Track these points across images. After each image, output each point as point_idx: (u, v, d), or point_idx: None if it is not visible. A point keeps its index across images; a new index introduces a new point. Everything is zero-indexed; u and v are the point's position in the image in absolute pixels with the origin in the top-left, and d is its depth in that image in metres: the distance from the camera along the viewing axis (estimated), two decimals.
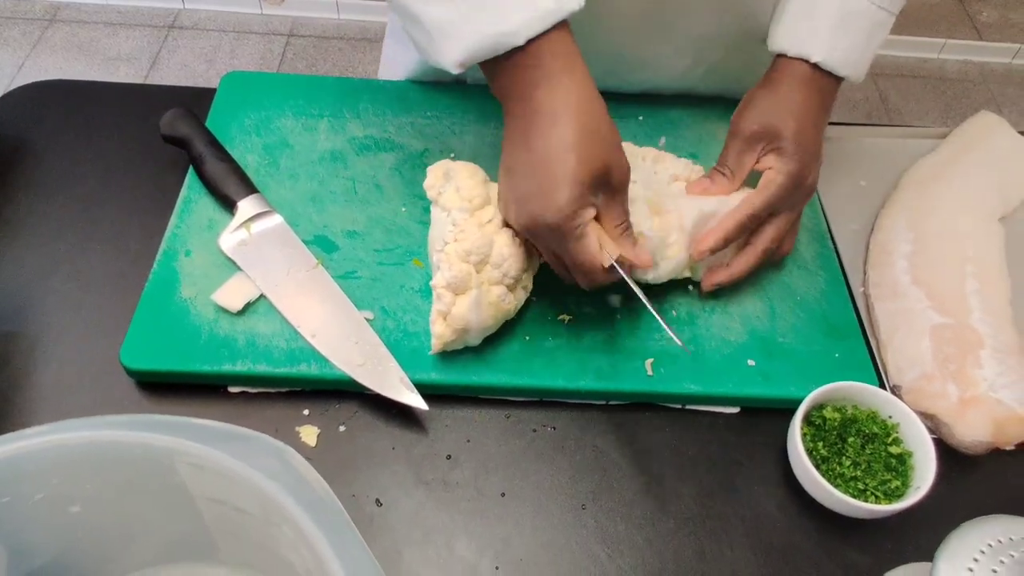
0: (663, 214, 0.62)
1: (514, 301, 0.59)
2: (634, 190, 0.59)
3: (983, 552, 0.34)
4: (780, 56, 0.63)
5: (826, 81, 0.62)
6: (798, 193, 0.62)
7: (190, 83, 2.13)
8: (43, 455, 0.33)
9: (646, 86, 0.80)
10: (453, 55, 0.53)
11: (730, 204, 0.62)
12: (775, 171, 0.61)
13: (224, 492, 0.36)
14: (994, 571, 0.33)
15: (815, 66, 0.61)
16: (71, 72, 2.10)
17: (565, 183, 0.51)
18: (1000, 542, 0.35)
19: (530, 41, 0.51)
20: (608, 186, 0.54)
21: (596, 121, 0.53)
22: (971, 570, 0.34)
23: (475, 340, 0.59)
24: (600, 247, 0.54)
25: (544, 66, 0.52)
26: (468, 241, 0.56)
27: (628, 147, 0.66)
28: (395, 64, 0.83)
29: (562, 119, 0.52)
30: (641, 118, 0.79)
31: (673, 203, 0.62)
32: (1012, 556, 0.34)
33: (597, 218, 0.55)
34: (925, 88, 2.33)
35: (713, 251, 0.62)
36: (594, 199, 0.54)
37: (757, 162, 0.63)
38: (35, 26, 2.25)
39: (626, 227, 0.56)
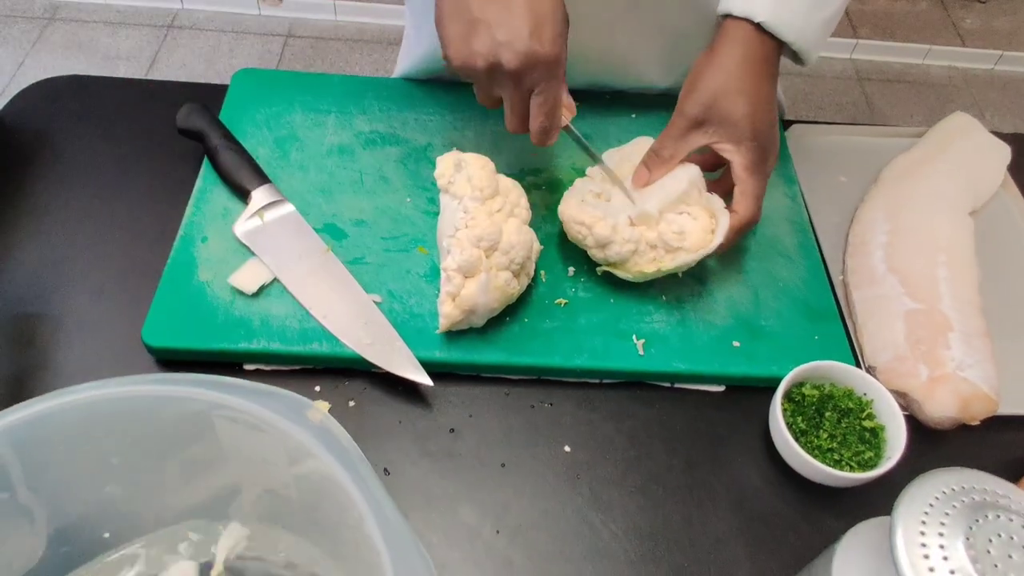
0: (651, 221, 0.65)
1: (518, 286, 0.63)
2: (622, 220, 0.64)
3: (937, 498, 0.38)
4: (725, 19, 0.64)
5: (770, 48, 0.63)
6: (764, 171, 0.65)
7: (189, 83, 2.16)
8: (92, 408, 0.37)
9: (634, 84, 0.84)
10: None
11: (677, 177, 0.66)
12: (740, 167, 0.64)
13: (255, 445, 0.39)
14: (947, 513, 0.37)
15: (759, 28, 0.62)
16: (71, 71, 2.12)
17: (555, 21, 0.57)
18: (953, 490, 0.39)
19: None
20: (566, 26, 0.60)
21: None
22: (927, 513, 0.37)
23: (479, 321, 0.63)
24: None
25: None
26: (479, 228, 0.60)
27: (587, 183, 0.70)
28: (406, 58, 0.88)
29: None
30: (634, 115, 0.83)
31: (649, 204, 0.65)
32: (963, 502, 0.38)
33: None
34: (910, 93, 2.39)
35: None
36: None
37: (712, 147, 0.65)
38: (34, 25, 2.28)
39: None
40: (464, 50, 0.58)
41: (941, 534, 0.36)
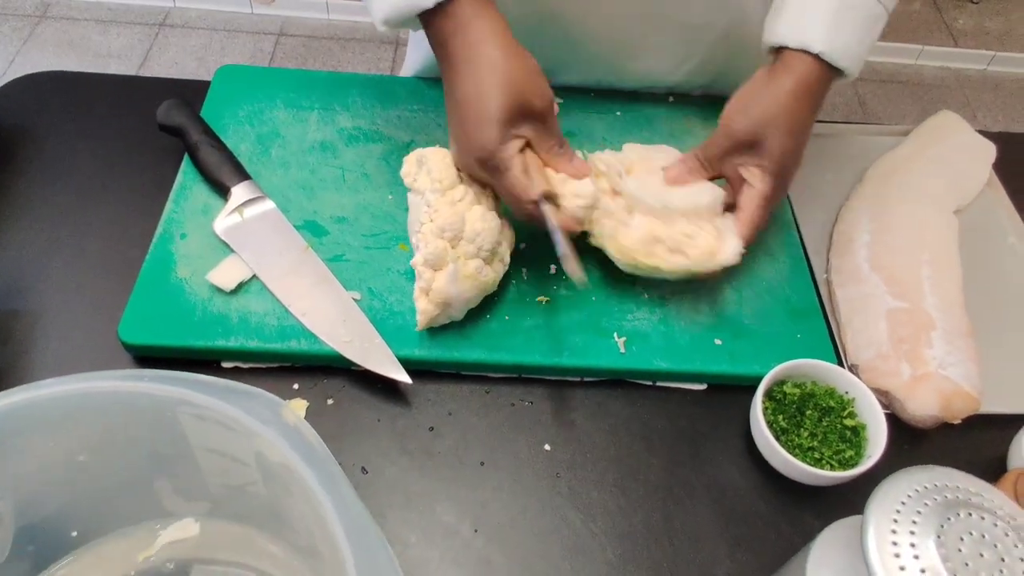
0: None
1: (492, 273, 0.63)
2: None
3: (910, 496, 0.38)
4: (780, 50, 0.64)
5: (824, 78, 0.63)
6: (774, 206, 0.66)
7: None
8: (58, 404, 0.36)
9: (639, 82, 0.84)
10: (380, 14, 0.60)
11: (705, 190, 0.66)
12: (758, 194, 0.64)
13: (222, 443, 0.39)
14: (919, 512, 0.37)
15: (817, 59, 0.62)
16: (61, 69, 2.11)
17: (485, 122, 0.57)
18: (926, 488, 0.38)
19: (439, 2, 0.57)
20: (531, 115, 0.59)
21: (508, 60, 0.58)
22: (899, 511, 0.37)
23: (459, 314, 0.62)
24: (530, 178, 0.60)
25: (457, 16, 0.58)
26: (441, 218, 0.60)
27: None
28: (410, 62, 0.88)
29: (475, 63, 0.57)
30: (619, 113, 0.82)
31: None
32: (935, 500, 0.37)
33: (531, 147, 0.61)
34: (903, 93, 2.39)
35: None
36: (519, 131, 0.59)
37: (739, 167, 0.65)
38: (26, 22, 2.27)
39: (560, 147, 0.63)
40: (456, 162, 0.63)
41: (912, 532, 0.36)
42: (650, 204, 0.64)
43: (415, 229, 0.61)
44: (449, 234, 0.59)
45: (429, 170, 0.62)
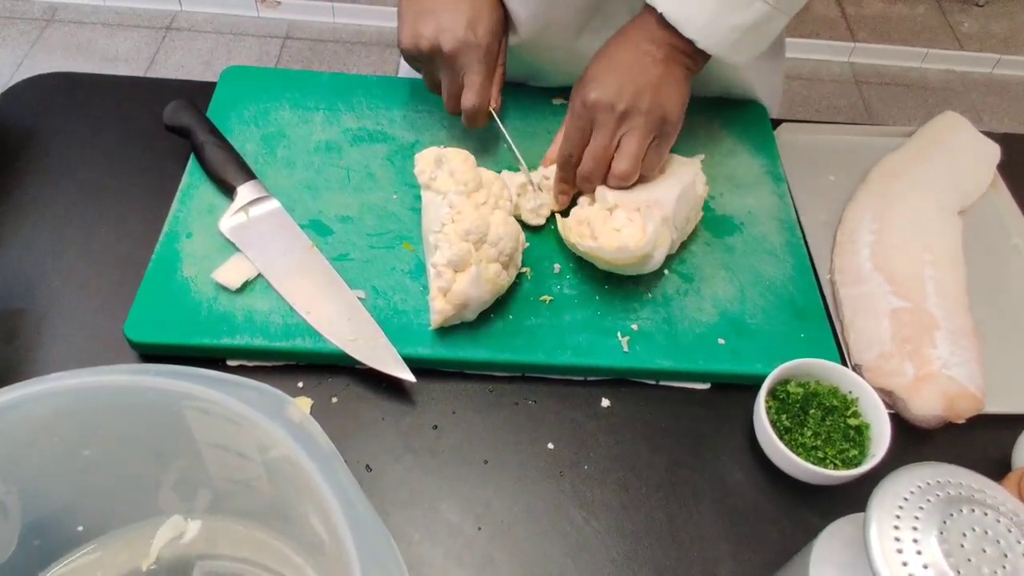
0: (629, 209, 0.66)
1: (507, 277, 0.63)
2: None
3: (912, 493, 0.38)
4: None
5: (667, 40, 0.64)
6: (593, 117, 0.65)
7: None
8: (64, 398, 0.37)
9: None
10: None
11: (667, 185, 0.68)
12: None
13: (227, 437, 0.39)
14: (921, 508, 0.37)
15: (661, 19, 0.63)
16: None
17: (490, 18, 0.68)
18: (928, 484, 0.38)
19: None
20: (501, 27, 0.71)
21: None
22: (901, 507, 0.37)
23: (472, 315, 0.63)
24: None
25: None
26: (467, 221, 0.60)
27: None
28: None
29: None
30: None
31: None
32: (938, 496, 0.38)
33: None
34: (908, 96, 2.38)
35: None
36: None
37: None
38: (33, 26, 2.28)
39: (504, 66, 0.73)
40: (413, 33, 0.68)
41: (915, 528, 0.36)
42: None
43: (434, 228, 0.62)
44: (473, 237, 0.60)
45: (452, 171, 0.62)
